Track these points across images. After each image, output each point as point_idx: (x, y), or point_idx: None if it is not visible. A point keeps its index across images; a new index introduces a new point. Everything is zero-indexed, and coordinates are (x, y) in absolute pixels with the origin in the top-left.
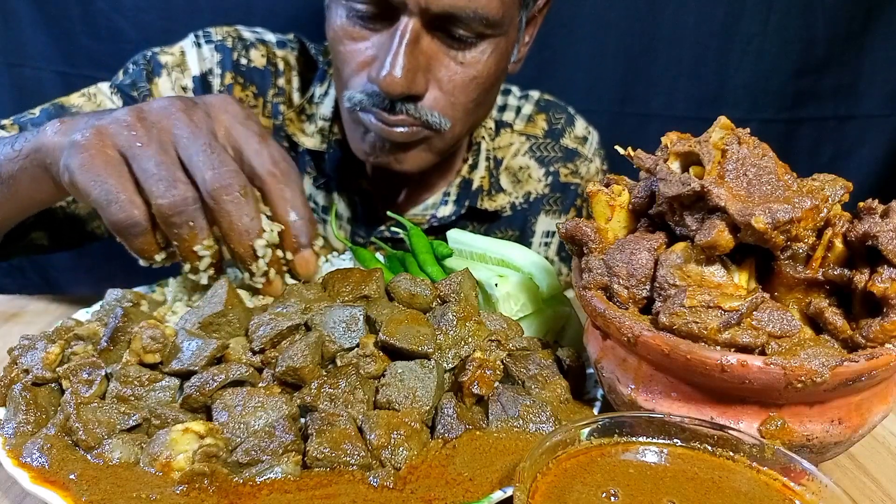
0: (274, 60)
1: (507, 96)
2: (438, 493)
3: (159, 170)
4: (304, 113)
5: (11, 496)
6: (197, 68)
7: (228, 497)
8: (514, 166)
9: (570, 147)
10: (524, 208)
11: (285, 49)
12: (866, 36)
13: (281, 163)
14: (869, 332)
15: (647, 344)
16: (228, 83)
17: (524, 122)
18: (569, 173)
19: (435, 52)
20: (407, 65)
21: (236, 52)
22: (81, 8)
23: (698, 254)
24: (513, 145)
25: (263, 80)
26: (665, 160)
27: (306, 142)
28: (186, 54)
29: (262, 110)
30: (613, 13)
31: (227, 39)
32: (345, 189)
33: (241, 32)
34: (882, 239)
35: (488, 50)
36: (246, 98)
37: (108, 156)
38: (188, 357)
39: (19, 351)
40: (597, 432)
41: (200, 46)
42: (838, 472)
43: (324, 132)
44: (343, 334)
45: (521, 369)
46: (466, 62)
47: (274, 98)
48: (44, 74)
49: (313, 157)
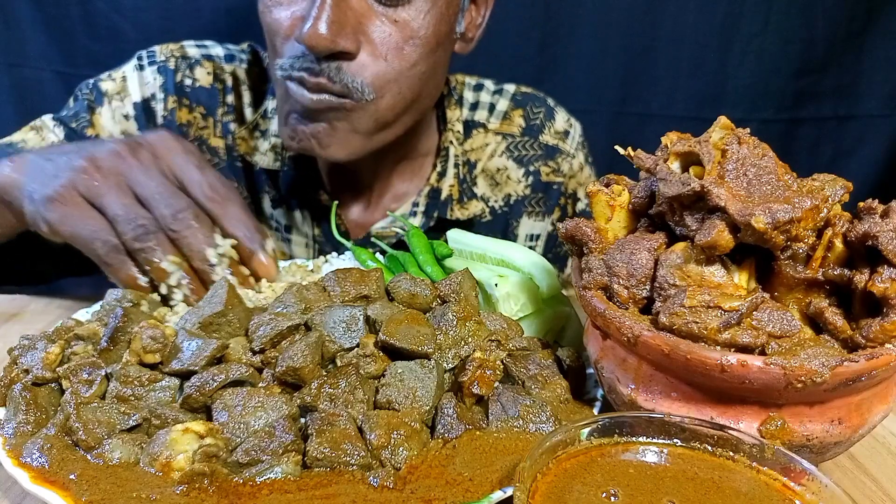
0: (221, 76)
1: (479, 92)
2: (438, 493)
3: (122, 210)
4: (257, 129)
5: (11, 496)
6: (138, 94)
7: (228, 497)
8: (492, 168)
9: (550, 144)
10: (505, 212)
11: (233, 63)
12: (866, 36)
13: (218, 188)
14: (869, 332)
15: (647, 344)
16: (171, 107)
17: (499, 120)
18: (550, 172)
19: (365, 9)
20: (332, 17)
21: (180, 73)
22: (81, 8)
23: (698, 254)
24: (488, 146)
25: (211, 99)
26: (665, 160)
27: (260, 161)
28: (128, 80)
29: (213, 130)
30: (614, 13)
31: (170, 60)
32: (305, 206)
33: (186, 50)
34: (882, 239)
35: (424, 8)
36: (194, 120)
37: (81, 206)
38: (188, 357)
39: (19, 351)
40: (597, 432)
41: (143, 69)
42: (838, 472)
43: (276, 149)
44: (343, 334)
45: (521, 369)
46: (401, 20)
47: (223, 117)
48: (44, 74)
49: (269, 175)
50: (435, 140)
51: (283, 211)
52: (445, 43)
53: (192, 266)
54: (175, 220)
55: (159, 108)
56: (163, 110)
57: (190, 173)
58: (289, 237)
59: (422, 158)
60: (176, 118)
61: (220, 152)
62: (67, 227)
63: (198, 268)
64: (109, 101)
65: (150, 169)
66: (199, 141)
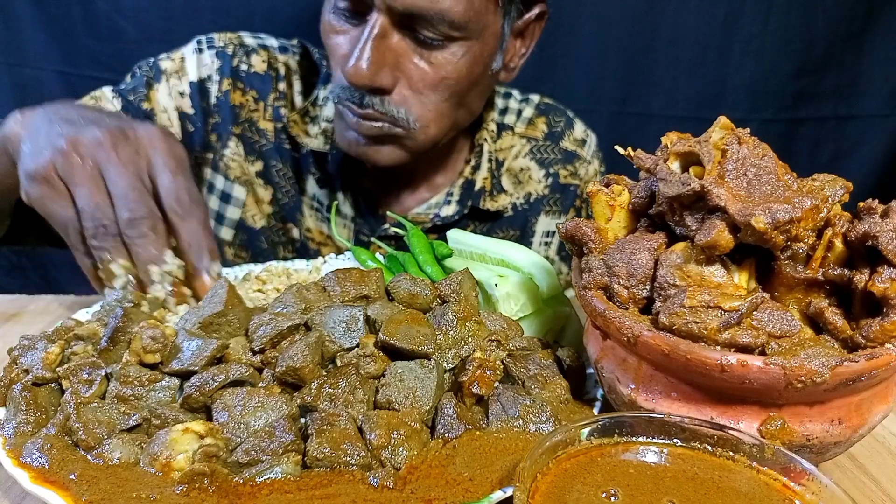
0: (275, 65)
1: (507, 100)
2: (438, 493)
3: (88, 205)
4: (307, 115)
5: (11, 496)
6: (195, 74)
7: (228, 497)
8: (515, 168)
9: (569, 149)
10: (525, 209)
11: (287, 54)
12: (866, 36)
13: (183, 199)
14: (869, 332)
15: (647, 344)
16: (226, 89)
17: (525, 125)
18: (568, 175)
19: (404, 49)
20: (372, 57)
21: (237, 59)
22: (82, 8)
23: (698, 254)
24: (514, 147)
25: (264, 85)
26: (665, 160)
27: (310, 143)
28: (186, 60)
29: (264, 114)
30: (614, 13)
31: (229, 46)
32: (348, 188)
33: (244, 39)
34: (882, 239)
35: (459, 53)
36: (246, 102)
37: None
38: (188, 357)
39: (19, 351)
40: (597, 432)
41: (202, 52)
42: (838, 472)
43: (327, 133)
44: (343, 334)
45: (521, 369)
46: (436, 62)
47: (275, 102)
48: (44, 74)
49: (316, 157)
50: (469, 138)
51: (327, 192)
52: (480, 81)
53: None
54: (131, 227)
55: (214, 88)
56: (217, 91)
57: (162, 177)
58: (329, 217)
59: (457, 154)
60: (230, 99)
61: (269, 134)
62: (44, 207)
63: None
64: (167, 78)
65: (124, 166)
66: (249, 122)
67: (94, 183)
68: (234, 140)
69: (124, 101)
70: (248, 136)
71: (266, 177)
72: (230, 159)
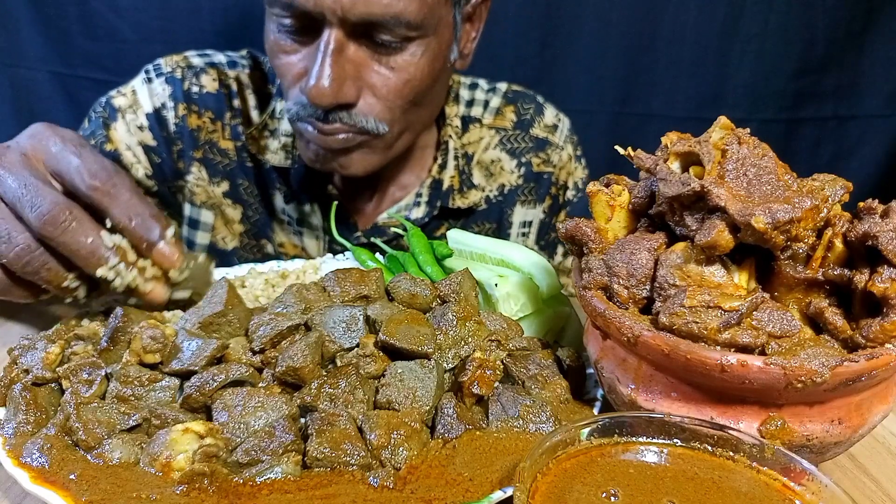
0: (226, 82)
1: (474, 91)
2: (438, 494)
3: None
4: (266, 129)
5: (11, 496)
6: (149, 105)
7: (228, 497)
8: (486, 160)
9: (540, 136)
10: (499, 201)
11: (236, 69)
12: (866, 36)
13: (99, 172)
14: (869, 332)
15: (647, 344)
16: (182, 114)
17: (493, 116)
18: (541, 163)
19: (363, 59)
20: (333, 74)
21: (187, 81)
22: (78, 8)
23: (698, 254)
24: (483, 139)
25: (218, 104)
26: (665, 160)
27: (271, 158)
28: (138, 93)
29: (222, 133)
30: (614, 13)
31: (177, 70)
32: (315, 200)
33: (190, 60)
34: (882, 239)
35: (418, 52)
36: (203, 125)
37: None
38: (188, 357)
39: (19, 351)
40: (597, 432)
41: (151, 81)
42: (838, 472)
43: (287, 148)
44: (343, 334)
45: (521, 369)
46: (397, 66)
47: (231, 120)
48: (40, 75)
49: (280, 172)
50: (434, 135)
51: (295, 206)
52: (441, 74)
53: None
54: (43, 224)
55: (170, 115)
56: (174, 118)
57: (66, 160)
58: (301, 230)
59: (422, 152)
60: (188, 123)
61: (230, 153)
62: None
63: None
64: (123, 115)
65: (13, 171)
66: (209, 144)
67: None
68: (196, 165)
69: None
70: (211, 158)
71: (234, 196)
72: (194, 185)
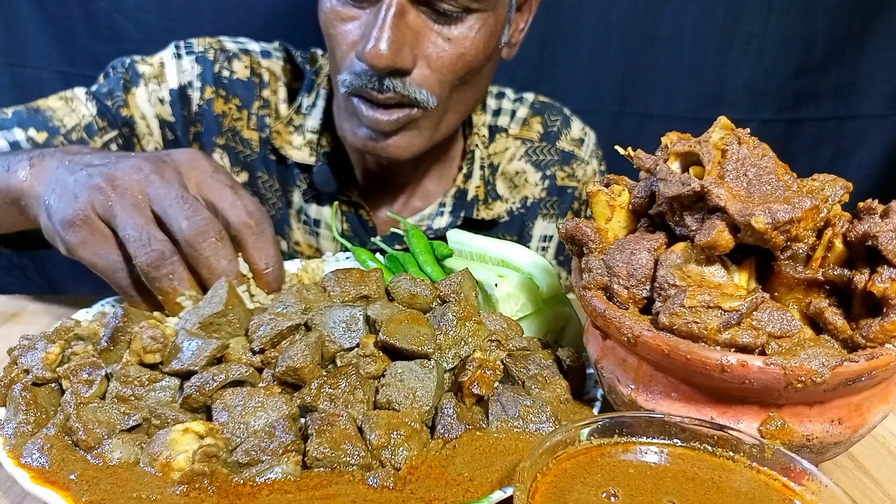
0: (258, 71)
1: (501, 100)
2: (438, 494)
3: (135, 231)
4: (291, 124)
5: (11, 496)
6: (175, 81)
7: (228, 497)
8: (511, 171)
9: (566, 150)
10: (521, 213)
11: (270, 59)
12: (866, 36)
13: (255, 213)
14: (869, 332)
15: (647, 344)
16: (209, 97)
17: (519, 126)
18: (565, 176)
19: (421, 27)
20: (392, 37)
21: (218, 64)
22: (83, 8)
23: (698, 254)
24: (508, 150)
25: (247, 92)
26: (665, 160)
27: (294, 154)
28: (165, 65)
29: (247, 123)
30: (614, 13)
31: (209, 51)
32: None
33: (224, 43)
34: (882, 239)
35: (476, 26)
36: (229, 111)
37: (99, 230)
38: (188, 357)
39: (19, 351)
40: (597, 432)
41: (181, 58)
42: (838, 472)
43: (312, 145)
44: (343, 334)
45: (521, 369)
46: (454, 38)
47: (259, 110)
48: (45, 74)
49: (302, 169)
50: (461, 143)
51: (314, 205)
52: (493, 55)
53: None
54: (194, 235)
55: (195, 96)
56: (199, 99)
57: (223, 194)
58: (317, 231)
59: (449, 161)
60: (213, 108)
61: (253, 144)
62: (86, 255)
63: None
64: (146, 83)
65: (169, 183)
66: (232, 132)
67: (136, 209)
68: (219, 151)
69: (100, 105)
70: (233, 147)
71: (252, 188)
72: None
